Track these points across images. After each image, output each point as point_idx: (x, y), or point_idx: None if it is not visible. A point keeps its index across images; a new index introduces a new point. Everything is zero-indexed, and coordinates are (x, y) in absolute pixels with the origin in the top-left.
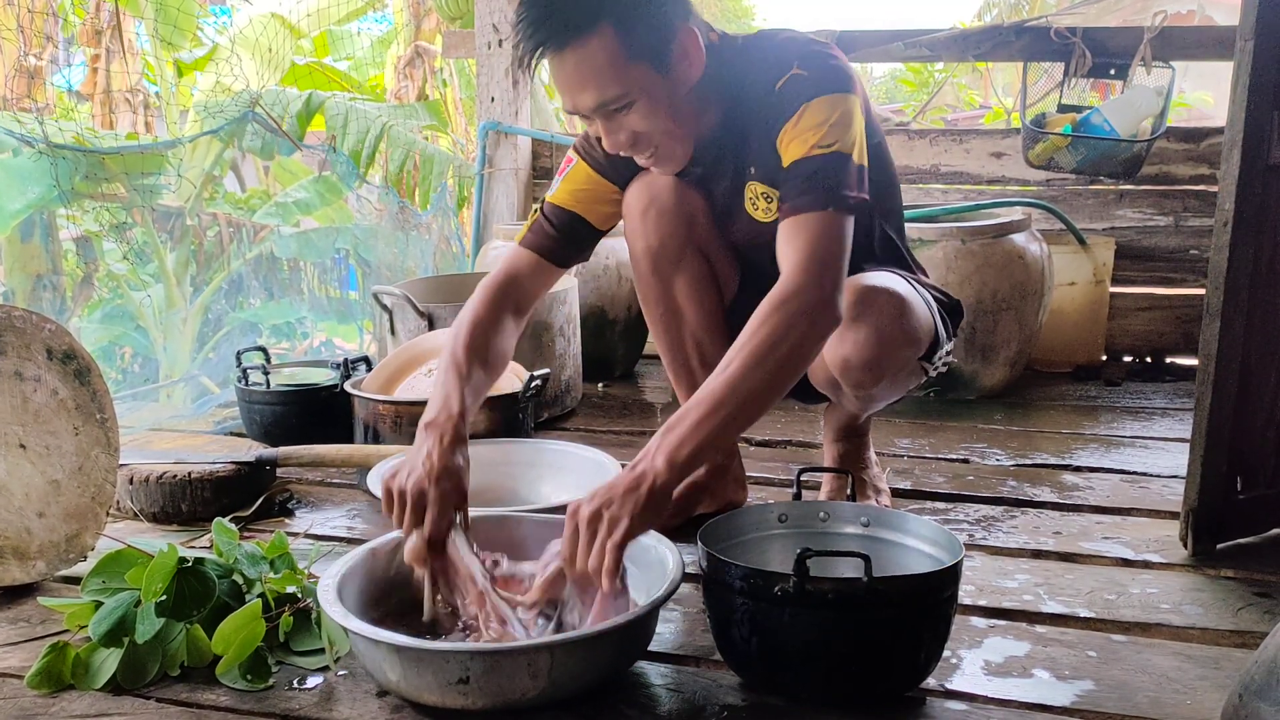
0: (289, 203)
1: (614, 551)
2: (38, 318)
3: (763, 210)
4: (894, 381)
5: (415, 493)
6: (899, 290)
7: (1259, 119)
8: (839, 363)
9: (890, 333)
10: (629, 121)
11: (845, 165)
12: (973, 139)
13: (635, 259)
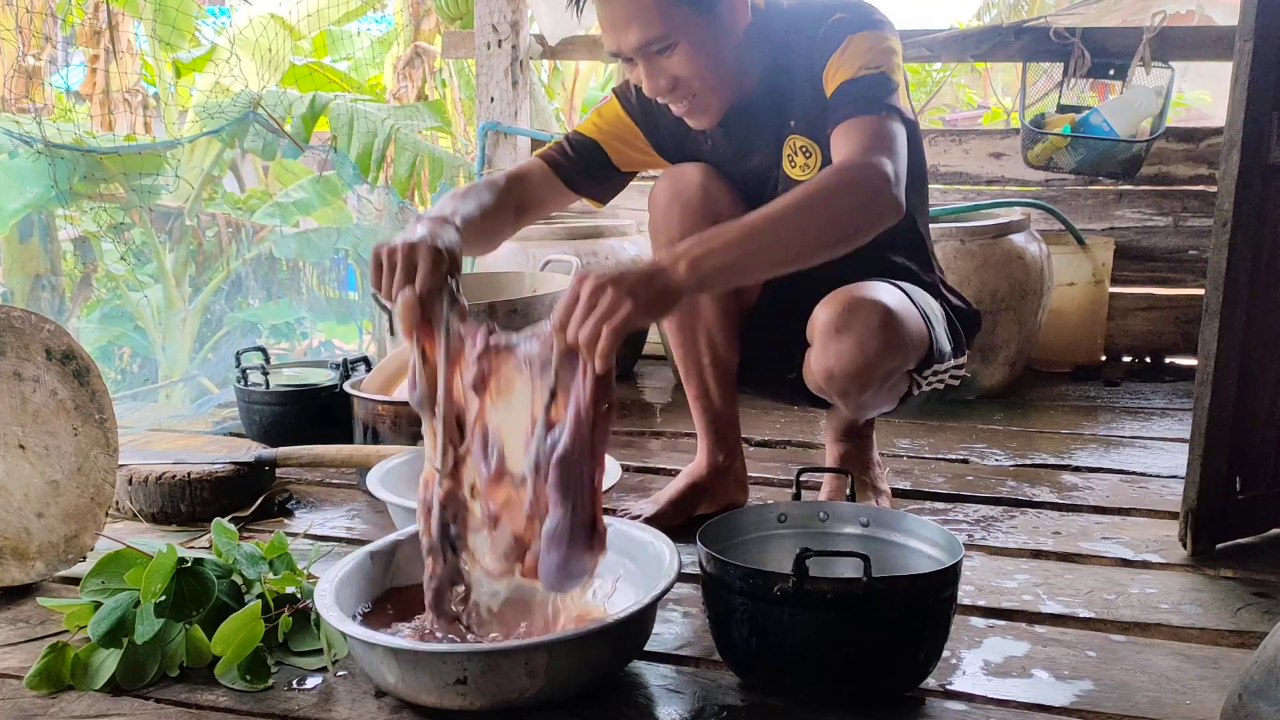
0: (288, 203)
1: (610, 333)
2: (37, 318)
3: (800, 166)
4: (880, 393)
5: (406, 249)
6: (886, 301)
7: (1258, 119)
8: (824, 373)
9: (873, 345)
10: (670, 65)
11: (892, 84)
12: (972, 139)
13: (656, 251)
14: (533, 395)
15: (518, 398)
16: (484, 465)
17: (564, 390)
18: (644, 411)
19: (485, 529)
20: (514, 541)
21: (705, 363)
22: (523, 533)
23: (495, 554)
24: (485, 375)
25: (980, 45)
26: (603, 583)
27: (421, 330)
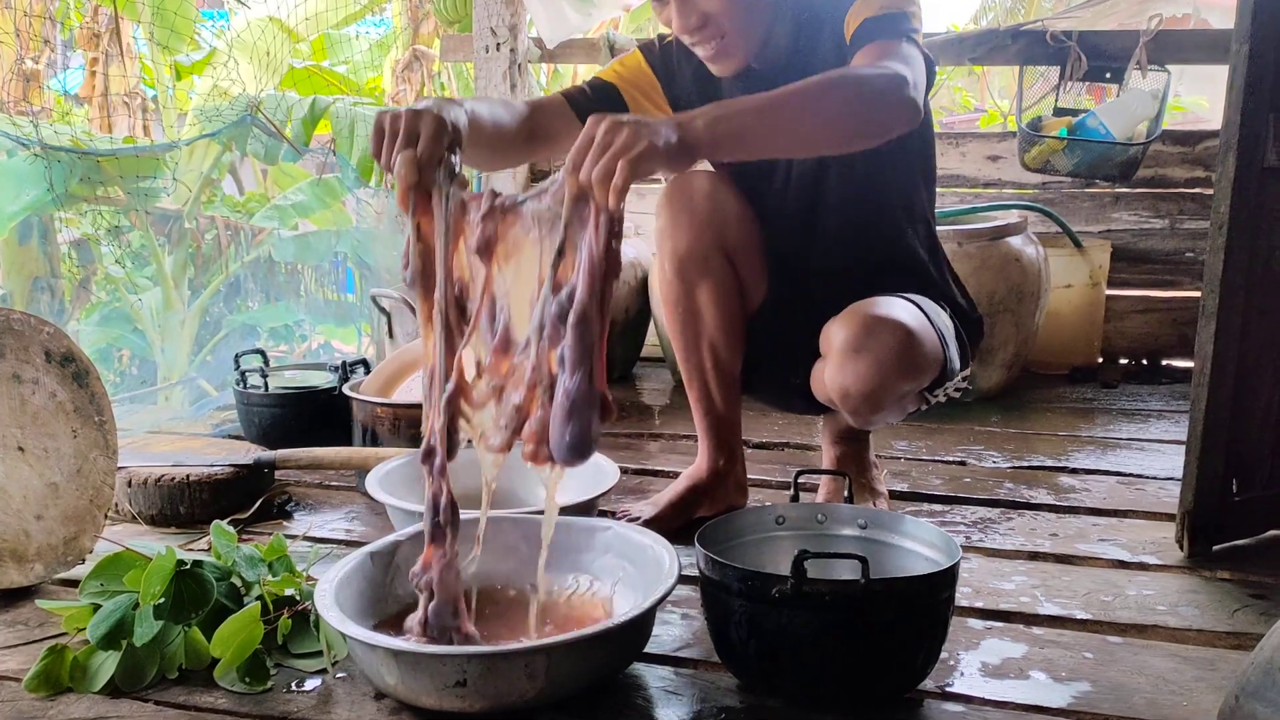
0: (287, 206)
1: (625, 165)
2: (36, 320)
3: None
4: (893, 411)
5: (410, 115)
6: (907, 321)
7: (1254, 122)
8: (839, 391)
9: (893, 367)
10: (703, 1)
11: (912, 22)
12: (969, 142)
13: (661, 259)
14: (541, 256)
15: (526, 262)
16: (490, 336)
17: (573, 247)
18: (642, 413)
19: (491, 403)
20: (515, 412)
21: (708, 367)
22: (524, 402)
23: (496, 425)
24: (491, 239)
25: (977, 48)
26: (602, 585)
27: (418, 201)
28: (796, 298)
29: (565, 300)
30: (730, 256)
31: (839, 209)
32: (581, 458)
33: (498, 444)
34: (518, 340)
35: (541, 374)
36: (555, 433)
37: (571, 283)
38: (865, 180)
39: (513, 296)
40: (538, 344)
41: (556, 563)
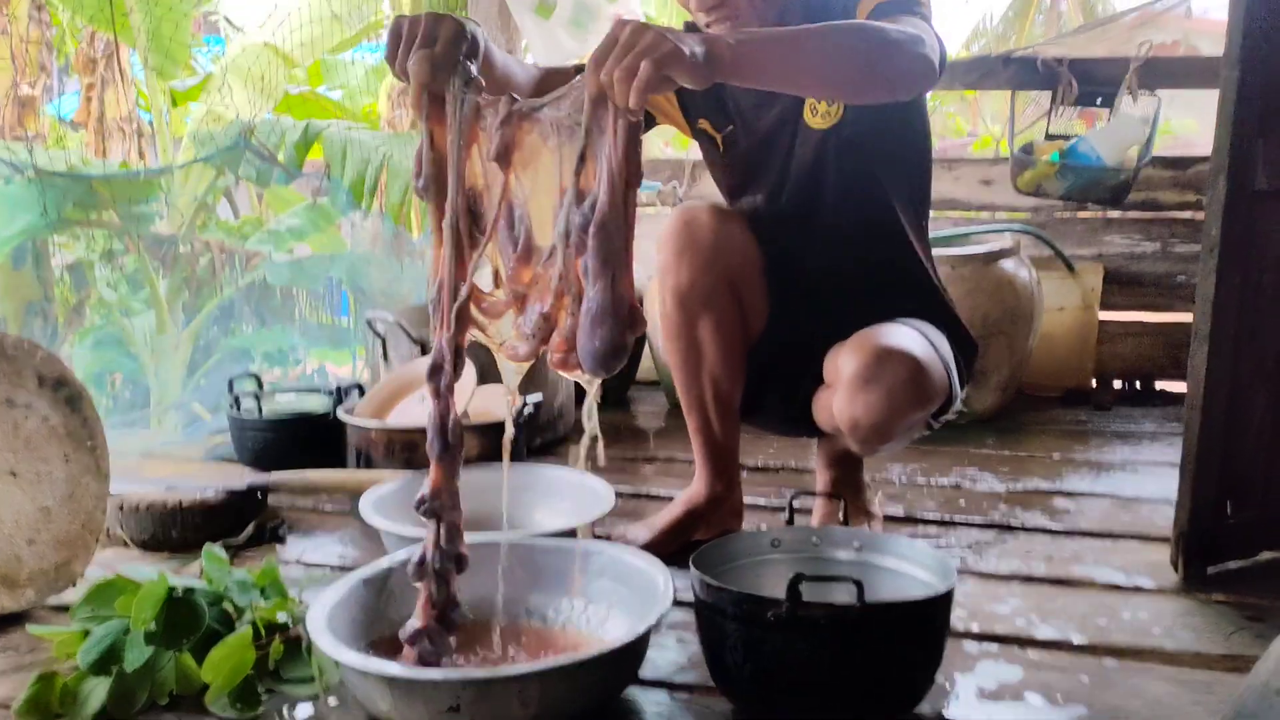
0: (282, 230)
1: (650, 65)
2: (29, 344)
3: (821, 114)
4: (901, 440)
5: (429, 18)
6: (915, 352)
7: (1244, 146)
8: (848, 422)
9: (902, 398)
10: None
11: (923, 4)
12: (962, 166)
13: (663, 293)
14: (560, 164)
15: (544, 170)
16: (510, 244)
17: (594, 156)
18: (637, 437)
19: (510, 312)
20: (541, 320)
21: (709, 398)
22: (551, 310)
23: (523, 333)
24: (508, 145)
25: (969, 74)
26: (596, 609)
27: (432, 106)
28: (797, 324)
29: (588, 211)
30: (734, 288)
31: (836, 221)
32: (610, 367)
33: (523, 353)
34: (540, 248)
35: (569, 282)
36: (583, 343)
37: (593, 193)
38: (863, 193)
39: (532, 204)
40: (564, 252)
41: (550, 586)
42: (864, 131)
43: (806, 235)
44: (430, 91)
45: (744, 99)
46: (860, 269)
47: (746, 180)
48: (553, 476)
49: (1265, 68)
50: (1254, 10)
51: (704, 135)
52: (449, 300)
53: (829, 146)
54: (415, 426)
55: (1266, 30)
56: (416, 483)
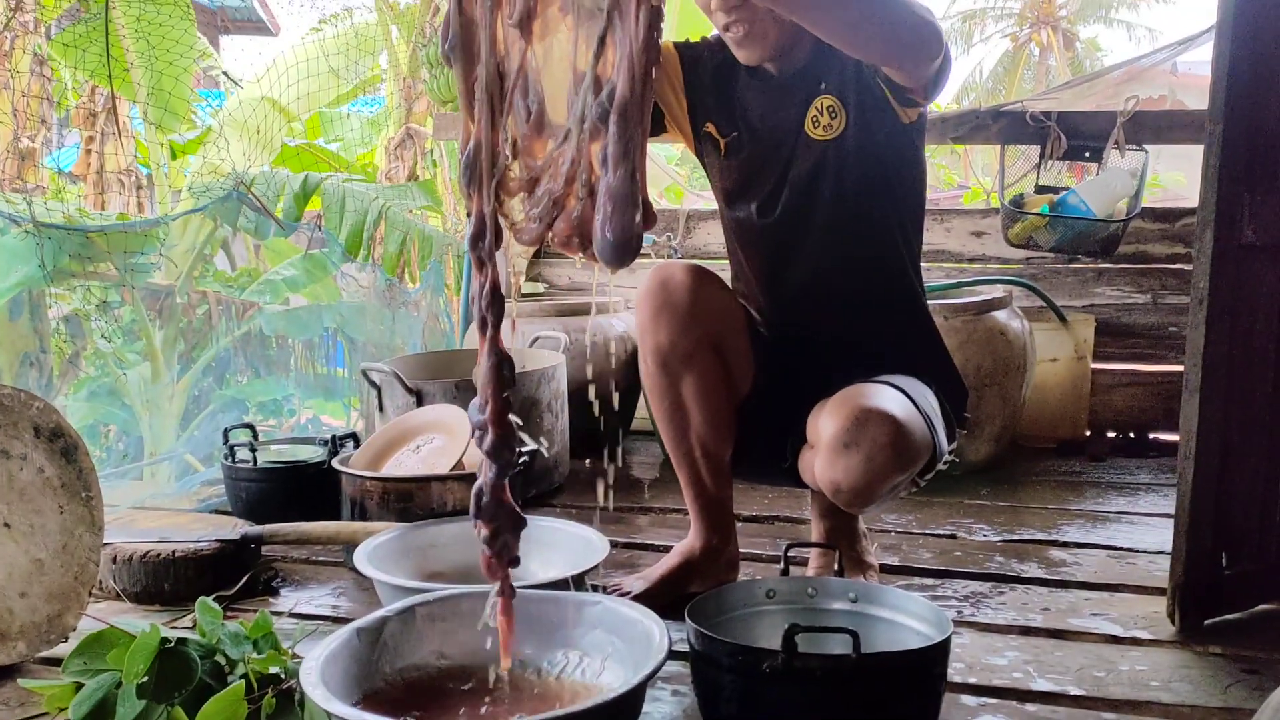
0: (278, 280)
1: None
2: (26, 396)
3: (824, 127)
4: (885, 500)
5: None
6: (896, 413)
7: (1230, 200)
8: (830, 485)
9: (883, 462)
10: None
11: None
12: (953, 218)
13: (644, 353)
14: (575, 44)
15: (558, 45)
16: (525, 112)
17: (613, 40)
18: (632, 487)
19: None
20: (550, 204)
21: (697, 456)
22: (561, 194)
23: (530, 215)
24: (531, 10)
25: (959, 128)
26: (591, 661)
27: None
28: (784, 383)
29: (606, 100)
30: (716, 348)
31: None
32: (625, 257)
33: (530, 237)
34: (552, 123)
35: (581, 168)
36: (598, 232)
37: (612, 81)
38: (860, 207)
39: (545, 76)
40: (578, 137)
41: (545, 638)
42: (864, 146)
43: (801, 243)
44: None
45: (752, 106)
46: (853, 283)
47: (745, 185)
48: (546, 528)
49: (1249, 123)
50: (1237, 67)
51: (708, 138)
52: (487, 165)
53: (829, 158)
54: (410, 477)
55: (1250, 86)
56: (411, 534)
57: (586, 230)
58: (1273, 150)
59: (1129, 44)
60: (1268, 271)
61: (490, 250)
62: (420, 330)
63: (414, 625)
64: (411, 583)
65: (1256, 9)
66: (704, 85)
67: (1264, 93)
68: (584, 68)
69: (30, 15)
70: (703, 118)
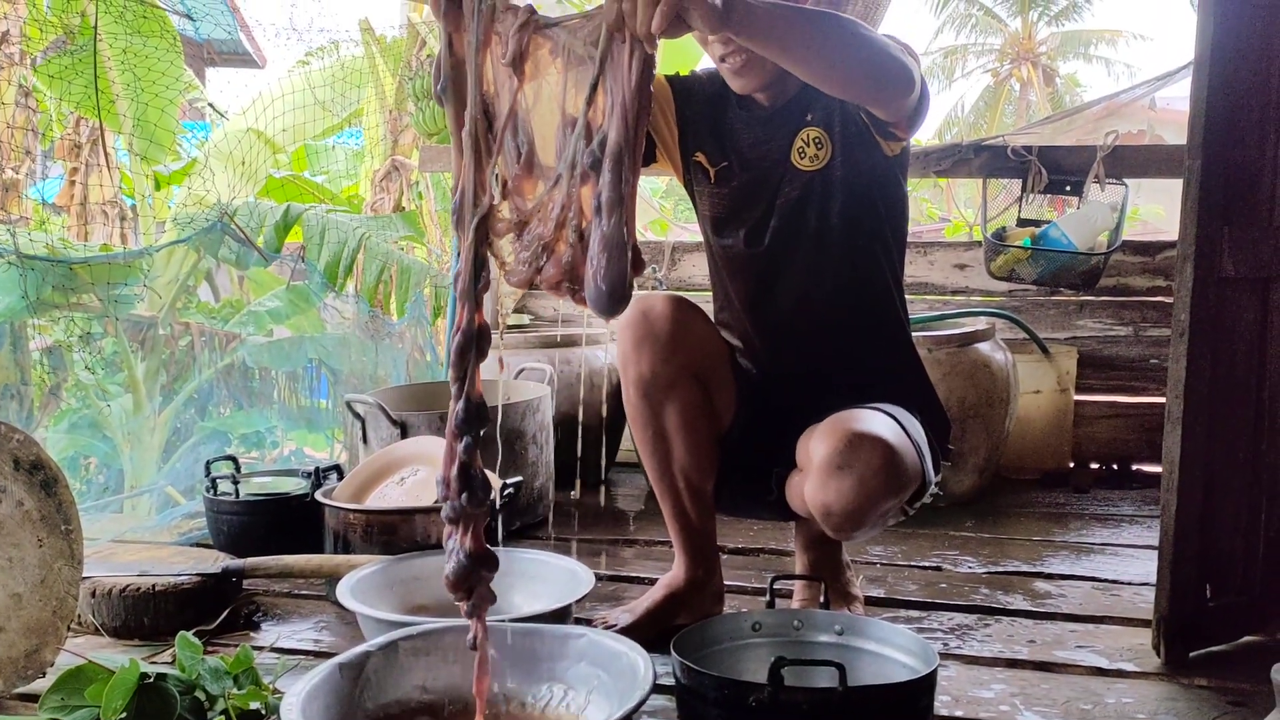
0: (261, 312)
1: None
2: (6, 428)
3: (810, 158)
4: (875, 527)
5: None
6: (888, 438)
7: (1209, 233)
8: (820, 509)
9: (875, 485)
10: None
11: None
12: (936, 251)
13: (626, 384)
14: (565, 87)
15: (547, 87)
16: (515, 153)
17: (605, 87)
18: (617, 519)
19: (512, 232)
20: (540, 248)
21: (681, 487)
22: (550, 238)
23: (520, 258)
24: (523, 52)
25: (942, 161)
26: (576, 695)
27: (450, 10)
28: (764, 418)
29: (598, 149)
30: (698, 378)
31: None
32: (618, 305)
33: (519, 280)
34: (541, 164)
35: (571, 212)
36: (590, 281)
37: (603, 129)
38: (845, 236)
39: (534, 117)
40: (569, 182)
41: (530, 671)
42: (849, 177)
43: (788, 271)
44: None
45: (742, 136)
46: (838, 311)
47: (734, 213)
48: (531, 560)
49: (1227, 158)
50: (1214, 103)
51: (698, 167)
52: (470, 210)
53: (815, 188)
54: (394, 509)
55: (1227, 122)
56: (395, 568)
57: (576, 275)
58: (1251, 184)
59: (1108, 80)
60: (1247, 303)
61: (466, 290)
62: (404, 362)
63: (397, 660)
64: (395, 616)
65: (1233, 47)
66: (695, 116)
67: (1241, 128)
68: (573, 111)
69: (16, 47)
70: (693, 147)
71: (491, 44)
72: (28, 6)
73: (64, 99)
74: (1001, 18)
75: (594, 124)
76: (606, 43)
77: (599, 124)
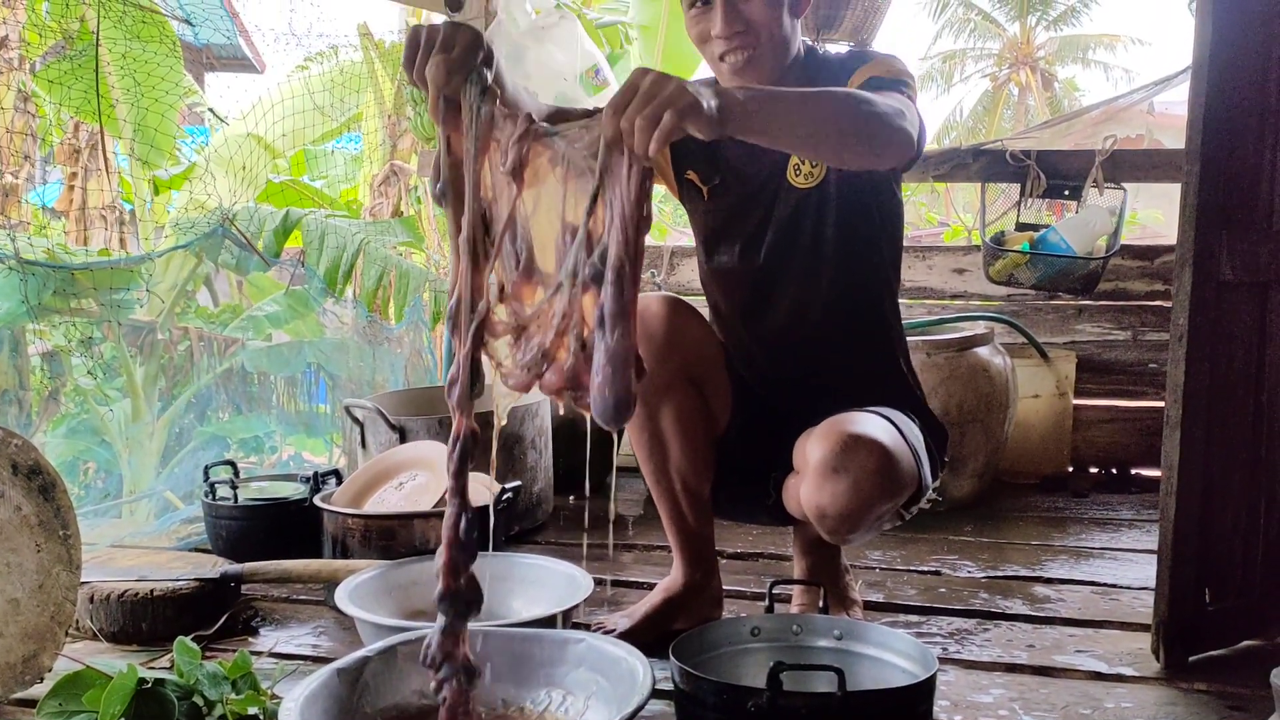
0: (261, 316)
1: (672, 116)
2: (4, 432)
3: (804, 175)
4: (871, 530)
5: (448, 26)
6: (884, 441)
7: (1208, 238)
8: (816, 511)
9: (870, 488)
10: (749, 8)
11: (910, 90)
12: (935, 255)
13: None
14: (564, 196)
15: (547, 194)
16: (513, 258)
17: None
18: (616, 524)
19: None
20: (540, 356)
21: (678, 490)
22: (551, 346)
23: (519, 364)
24: (523, 160)
25: (940, 166)
26: (575, 700)
27: (449, 115)
28: (765, 416)
29: (599, 262)
30: (694, 381)
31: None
32: (625, 415)
33: (515, 384)
34: (541, 271)
35: (572, 321)
36: (596, 393)
37: (603, 243)
38: (840, 252)
39: (533, 223)
40: (570, 291)
41: (528, 676)
42: (844, 192)
43: (783, 287)
44: (447, 98)
45: (733, 154)
46: (833, 326)
47: (728, 230)
48: (530, 565)
49: (1225, 162)
50: (1213, 108)
51: (690, 185)
52: (466, 315)
53: (810, 204)
54: (393, 514)
55: (1225, 127)
56: (393, 572)
57: (578, 383)
58: (1249, 189)
59: (1106, 84)
60: (1246, 308)
61: (462, 398)
62: (403, 367)
63: (395, 665)
64: (393, 621)
65: (1231, 52)
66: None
67: (1239, 133)
68: (573, 219)
69: (15, 52)
70: (685, 165)
71: (490, 150)
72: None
73: (63, 104)
74: (1000, 22)
75: (594, 234)
76: (606, 156)
77: (599, 234)
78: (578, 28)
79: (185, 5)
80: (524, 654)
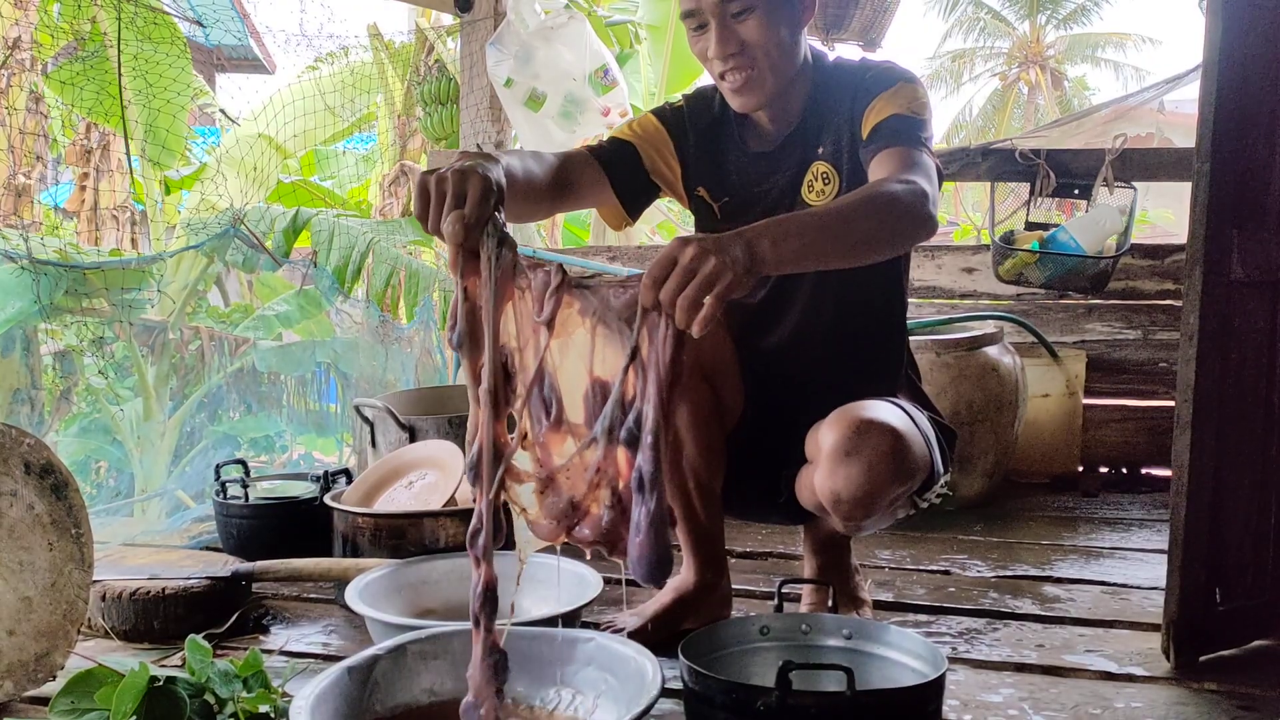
0: (271, 316)
1: (714, 300)
2: (16, 432)
3: (818, 192)
4: (884, 516)
5: (456, 176)
6: (896, 425)
7: (1219, 237)
8: (830, 496)
9: (883, 470)
10: (744, 29)
11: (929, 129)
12: (944, 254)
13: None
14: (593, 349)
15: (574, 346)
16: (541, 407)
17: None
18: None
19: (534, 482)
20: (571, 507)
21: (690, 487)
22: (583, 499)
23: (548, 514)
24: (555, 314)
25: (949, 165)
26: (584, 699)
27: (466, 264)
28: (776, 413)
29: (634, 425)
30: (707, 377)
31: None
32: (666, 574)
33: (546, 534)
34: (571, 423)
35: (606, 475)
36: (639, 550)
37: (637, 407)
38: (848, 290)
39: (560, 373)
40: (604, 447)
41: (538, 675)
42: None
43: (792, 301)
44: (464, 249)
45: (745, 172)
46: (841, 338)
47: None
48: (540, 564)
49: (1236, 161)
50: (1224, 106)
51: (700, 200)
52: (489, 465)
53: None
54: (403, 513)
55: (1236, 125)
56: (403, 571)
57: (614, 540)
58: (1260, 188)
59: (1116, 83)
60: (1256, 307)
61: (486, 549)
62: (413, 366)
63: (405, 663)
64: (403, 620)
65: (1242, 50)
66: (693, 150)
67: (1250, 131)
68: (600, 373)
69: (27, 53)
70: (695, 181)
71: (513, 298)
72: (38, 13)
73: (76, 106)
74: (1010, 21)
75: (626, 393)
76: (642, 322)
77: (631, 394)
78: (586, 27)
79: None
80: (533, 653)
